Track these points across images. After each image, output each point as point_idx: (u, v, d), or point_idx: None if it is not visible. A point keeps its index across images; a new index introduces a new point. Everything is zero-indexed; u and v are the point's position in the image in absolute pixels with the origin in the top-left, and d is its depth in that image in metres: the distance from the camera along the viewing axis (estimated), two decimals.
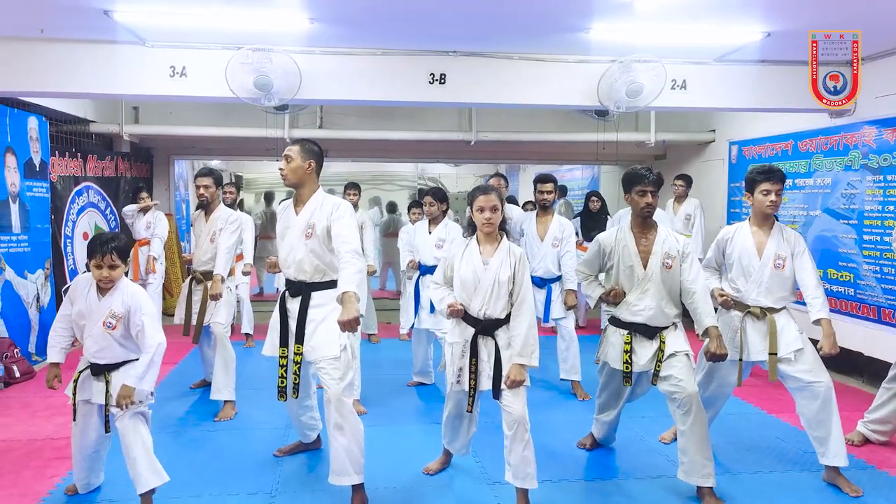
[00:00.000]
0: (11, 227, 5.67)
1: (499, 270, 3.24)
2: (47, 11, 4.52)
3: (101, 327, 3.15)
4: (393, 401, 5.13)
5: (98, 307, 3.17)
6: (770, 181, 3.58)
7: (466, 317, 3.31)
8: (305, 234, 3.40)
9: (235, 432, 4.45)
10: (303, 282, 3.45)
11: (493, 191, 3.28)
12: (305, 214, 3.42)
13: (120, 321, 3.16)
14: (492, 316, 3.27)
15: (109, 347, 3.18)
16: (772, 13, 4.57)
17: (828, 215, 6.05)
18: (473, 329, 3.29)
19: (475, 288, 3.27)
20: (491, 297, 3.25)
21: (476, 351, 3.29)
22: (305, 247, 3.41)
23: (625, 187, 3.57)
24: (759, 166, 3.69)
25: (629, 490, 3.62)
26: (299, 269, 3.45)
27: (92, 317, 3.17)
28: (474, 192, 3.31)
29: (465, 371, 3.32)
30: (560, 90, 5.63)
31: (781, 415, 4.79)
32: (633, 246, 3.54)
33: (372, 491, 3.44)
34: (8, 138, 5.65)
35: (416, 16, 4.64)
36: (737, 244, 3.72)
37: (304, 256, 3.41)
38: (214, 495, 3.51)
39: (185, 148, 8.90)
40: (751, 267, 3.66)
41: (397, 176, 14.35)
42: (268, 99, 5.24)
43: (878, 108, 5.47)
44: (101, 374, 3.22)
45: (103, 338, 3.17)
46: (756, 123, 7.15)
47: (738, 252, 3.71)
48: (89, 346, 3.20)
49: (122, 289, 3.19)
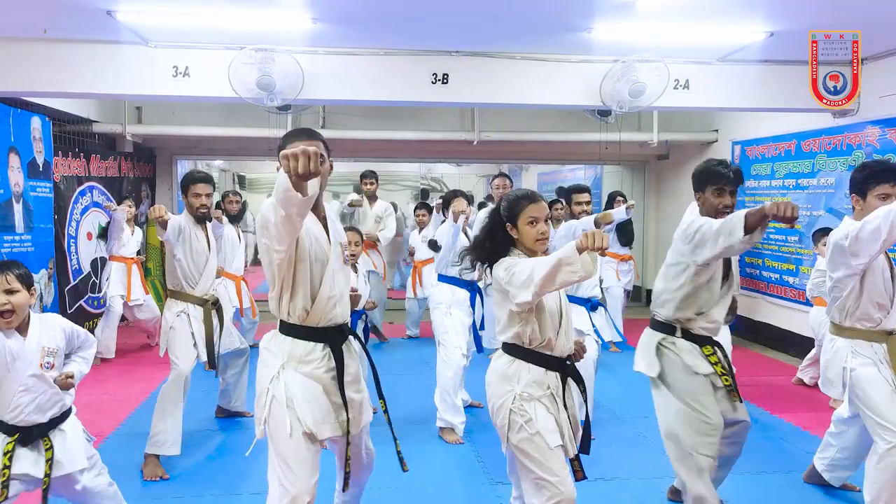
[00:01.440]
0: (15, 227, 5.68)
1: (563, 296, 2.68)
2: (50, 12, 4.53)
3: (36, 370, 2.53)
4: (396, 401, 5.12)
5: (24, 350, 2.51)
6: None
7: (544, 359, 2.57)
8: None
9: (237, 432, 4.46)
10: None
11: (542, 197, 2.66)
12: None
13: (56, 356, 2.60)
14: (572, 350, 2.64)
15: (45, 394, 2.55)
16: (775, 13, 4.56)
17: (831, 215, 6.03)
18: (557, 373, 2.59)
19: (560, 320, 2.59)
20: (570, 325, 2.65)
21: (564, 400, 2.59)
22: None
23: (697, 185, 3.04)
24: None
25: (631, 490, 3.62)
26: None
27: (17, 365, 2.50)
28: (518, 201, 2.58)
29: (564, 427, 2.55)
30: (562, 90, 5.63)
31: (784, 415, 4.79)
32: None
33: (374, 490, 3.43)
34: (11, 138, 5.66)
35: (418, 16, 4.64)
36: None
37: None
38: (217, 495, 3.52)
39: (187, 148, 8.91)
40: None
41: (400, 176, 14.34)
42: (270, 99, 5.24)
43: (881, 108, 5.46)
44: (36, 440, 2.55)
45: (41, 384, 2.54)
46: (759, 123, 7.14)
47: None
48: (20, 405, 2.51)
49: (40, 320, 2.63)
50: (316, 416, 2.37)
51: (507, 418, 2.52)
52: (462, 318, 4.46)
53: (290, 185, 1.97)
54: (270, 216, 2.12)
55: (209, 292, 4.13)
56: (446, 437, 4.33)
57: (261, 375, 2.44)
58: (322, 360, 2.41)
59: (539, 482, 2.47)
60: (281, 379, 2.38)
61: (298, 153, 1.90)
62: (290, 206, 2.04)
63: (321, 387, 2.41)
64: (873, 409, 2.98)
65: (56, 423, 2.60)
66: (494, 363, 2.66)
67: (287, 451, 2.35)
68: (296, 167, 1.91)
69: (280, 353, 2.41)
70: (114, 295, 6.48)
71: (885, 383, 2.99)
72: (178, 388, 3.87)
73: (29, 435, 2.54)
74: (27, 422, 2.53)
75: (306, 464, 2.35)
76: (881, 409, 2.97)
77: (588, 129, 8.03)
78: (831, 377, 3.19)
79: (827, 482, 3.58)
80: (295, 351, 2.40)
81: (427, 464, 3.90)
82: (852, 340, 3.09)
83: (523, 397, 2.51)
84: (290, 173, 1.93)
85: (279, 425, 2.35)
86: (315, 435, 2.36)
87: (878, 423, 2.97)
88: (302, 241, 2.31)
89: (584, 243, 2.23)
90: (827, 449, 3.57)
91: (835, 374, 3.15)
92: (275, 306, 2.43)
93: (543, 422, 2.49)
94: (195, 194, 4.04)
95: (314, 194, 2.09)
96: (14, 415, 2.51)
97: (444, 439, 4.32)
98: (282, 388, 2.36)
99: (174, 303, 4.04)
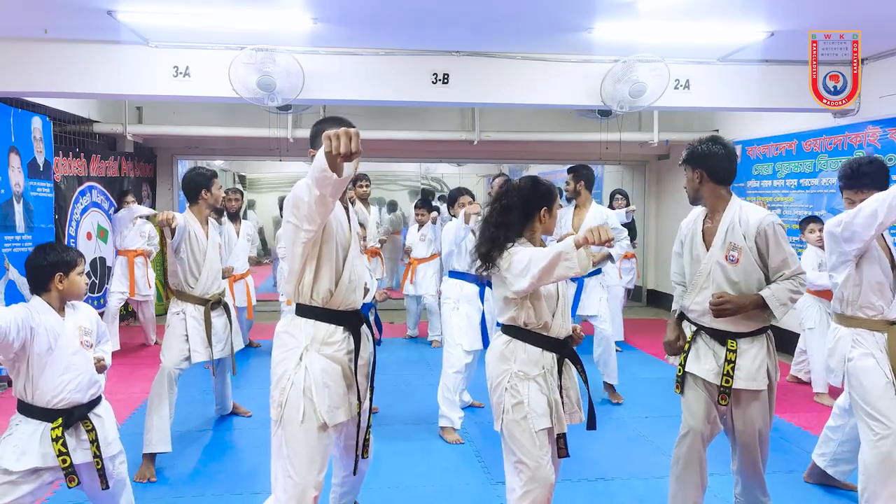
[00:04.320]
0: (15, 226, 5.68)
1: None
2: (51, 12, 4.54)
3: (78, 348, 2.60)
4: (397, 401, 5.13)
5: (64, 328, 2.59)
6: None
7: (541, 340, 2.64)
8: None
9: (239, 431, 4.46)
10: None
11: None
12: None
13: (92, 336, 2.69)
14: (570, 331, 2.72)
15: (86, 373, 2.60)
16: (775, 13, 4.56)
17: (833, 216, 6.02)
18: (554, 354, 2.65)
19: (556, 302, 2.67)
20: (567, 307, 2.74)
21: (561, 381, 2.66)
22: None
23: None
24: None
25: (632, 490, 3.62)
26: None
27: (60, 342, 2.56)
28: (551, 191, 2.71)
29: (555, 407, 2.62)
30: (563, 90, 5.63)
31: (784, 415, 4.78)
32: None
33: (375, 490, 3.44)
34: (12, 138, 5.66)
35: (419, 16, 4.64)
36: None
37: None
38: (218, 495, 3.52)
39: (188, 148, 8.91)
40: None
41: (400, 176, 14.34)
42: (271, 99, 5.24)
43: (882, 108, 5.46)
44: (76, 423, 2.57)
45: (83, 361, 2.60)
46: (760, 123, 7.13)
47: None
48: (62, 384, 2.53)
49: (71, 304, 2.71)
50: (332, 401, 2.41)
51: (502, 397, 2.61)
52: (470, 313, 4.46)
53: (327, 166, 2.05)
54: (304, 195, 2.19)
55: (211, 292, 4.10)
56: (447, 437, 4.33)
57: (281, 359, 2.47)
58: (343, 343, 2.48)
59: (518, 465, 2.58)
60: (303, 364, 2.41)
61: (341, 133, 1.99)
62: (326, 186, 2.11)
63: (340, 369, 2.46)
64: (866, 400, 2.99)
65: (93, 406, 2.64)
66: (493, 343, 2.76)
67: (298, 442, 2.37)
68: (338, 146, 1.98)
69: (302, 336, 2.44)
70: (113, 291, 6.51)
71: (882, 375, 2.99)
72: (162, 384, 3.84)
73: (70, 418, 2.54)
74: (70, 402, 2.54)
75: (316, 456, 2.38)
76: (874, 401, 2.97)
77: (588, 129, 8.04)
78: (833, 366, 3.21)
79: (832, 477, 3.58)
80: (318, 333, 2.45)
81: (427, 463, 3.90)
82: (854, 329, 3.10)
83: (518, 376, 2.59)
84: (332, 152, 2.00)
85: (294, 414, 2.37)
86: (328, 423, 2.39)
87: (870, 413, 2.98)
88: (329, 223, 2.38)
89: (589, 238, 2.30)
90: (827, 444, 3.58)
91: (837, 362, 3.16)
92: (293, 289, 2.47)
93: (534, 403, 2.56)
94: (219, 187, 4.18)
95: (349, 175, 2.15)
96: (57, 396, 2.52)
97: (445, 439, 4.32)
98: (302, 375, 2.40)
99: (175, 302, 4.04)
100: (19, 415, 2.56)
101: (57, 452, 2.49)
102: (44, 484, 2.54)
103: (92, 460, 2.57)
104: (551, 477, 2.57)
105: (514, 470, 2.60)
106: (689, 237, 2.96)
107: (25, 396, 2.54)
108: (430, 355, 6.50)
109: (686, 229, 3.01)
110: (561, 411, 2.62)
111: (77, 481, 2.54)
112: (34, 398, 2.52)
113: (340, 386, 2.45)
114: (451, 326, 4.45)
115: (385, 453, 4.02)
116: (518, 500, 2.57)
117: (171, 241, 3.89)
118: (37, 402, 2.52)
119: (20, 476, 2.46)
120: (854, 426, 3.35)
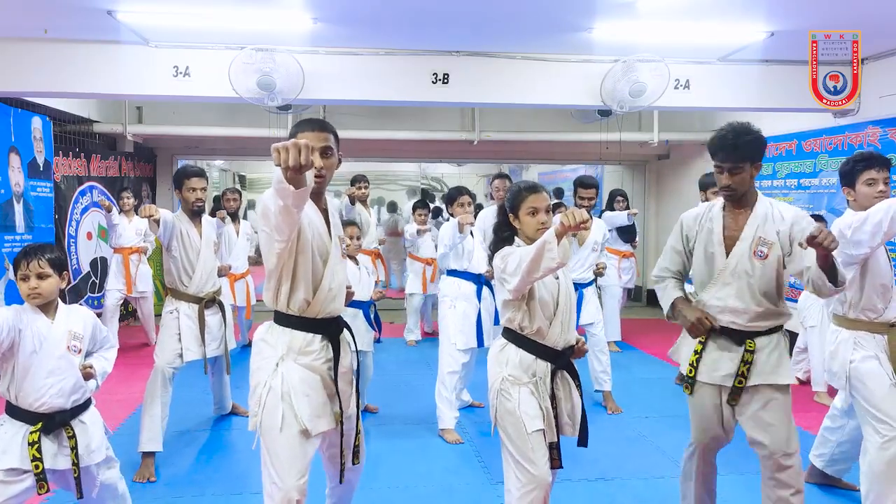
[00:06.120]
0: (15, 226, 5.68)
1: (569, 283, 2.73)
2: (51, 12, 4.54)
3: (63, 352, 2.53)
4: (397, 401, 5.12)
5: (51, 332, 2.53)
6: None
7: (536, 347, 2.62)
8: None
9: (239, 431, 4.46)
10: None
11: (544, 189, 2.72)
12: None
13: (82, 342, 2.61)
14: (570, 342, 2.68)
15: (72, 377, 2.54)
16: (775, 13, 4.56)
17: (834, 216, 6.03)
18: (548, 363, 2.62)
19: (554, 310, 2.63)
20: (569, 319, 2.67)
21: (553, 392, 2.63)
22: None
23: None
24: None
25: (632, 490, 3.62)
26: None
27: (45, 346, 2.51)
28: (520, 192, 2.67)
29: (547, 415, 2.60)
30: (563, 90, 5.63)
31: None
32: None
33: (376, 491, 3.44)
34: (12, 138, 5.66)
35: (419, 16, 4.64)
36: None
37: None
38: (218, 495, 3.52)
39: (188, 148, 8.91)
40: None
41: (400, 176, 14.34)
42: (271, 99, 5.24)
43: (882, 108, 5.46)
44: (58, 429, 2.52)
45: (68, 366, 2.53)
46: (760, 123, 6.98)
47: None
48: (44, 387, 2.49)
49: (67, 308, 2.65)
50: (313, 410, 2.36)
51: (496, 399, 2.63)
52: (467, 311, 4.45)
53: (282, 177, 1.96)
54: (270, 205, 2.12)
55: (206, 290, 4.06)
56: (447, 437, 4.33)
57: (257, 368, 2.42)
58: (321, 352, 2.40)
59: (514, 467, 2.58)
60: (279, 371, 2.35)
61: (290, 146, 1.89)
62: (287, 197, 2.02)
63: (319, 378, 2.40)
64: (871, 403, 2.98)
65: (78, 412, 2.58)
66: (493, 345, 2.79)
67: (278, 448, 2.32)
68: (286, 160, 1.88)
69: (279, 345, 2.38)
70: (110, 289, 6.52)
71: (886, 377, 2.99)
72: (155, 383, 3.82)
73: (51, 423, 2.50)
74: (51, 406, 2.49)
75: (297, 462, 2.33)
76: (880, 403, 2.97)
77: (588, 129, 8.03)
78: (835, 369, 3.18)
79: (830, 476, 3.58)
80: (294, 342, 2.38)
81: (427, 463, 3.90)
82: (855, 332, 3.09)
83: (509, 380, 2.60)
84: (281, 165, 1.90)
85: (272, 420, 2.33)
86: (310, 431, 2.34)
87: (876, 416, 2.97)
88: (304, 232, 2.29)
89: (565, 223, 2.28)
90: (824, 445, 3.57)
91: (839, 365, 3.14)
92: (271, 297, 2.40)
93: (525, 406, 2.56)
94: (190, 188, 3.96)
95: (308, 186, 2.06)
96: (38, 400, 2.48)
97: (445, 439, 4.32)
98: (279, 381, 2.34)
99: (170, 301, 4.02)
100: (5, 415, 2.54)
101: (31, 457, 2.45)
102: (29, 487, 2.49)
103: (70, 467, 2.52)
104: (548, 477, 2.57)
105: (511, 471, 2.60)
106: (704, 234, 2.75)
107: (10, 397, 2.52)
108: (430, 355, 6.49)
109: (695, 224, 2.80)
110: (552, 420, 2.60)
111: (47, 488, 2.48)
112: (17, 400, 2.50)
113: (321, 395, 2.38)
114: (448, 324, 4.45)
115: (385, 453, 4.02)
116: (515, 502, 2.57)
117: (156, 235, 3.87)
118: (20, 403, 2.50)
119: (4, 475, 2.44)
120: (854, 428, 3.34)
